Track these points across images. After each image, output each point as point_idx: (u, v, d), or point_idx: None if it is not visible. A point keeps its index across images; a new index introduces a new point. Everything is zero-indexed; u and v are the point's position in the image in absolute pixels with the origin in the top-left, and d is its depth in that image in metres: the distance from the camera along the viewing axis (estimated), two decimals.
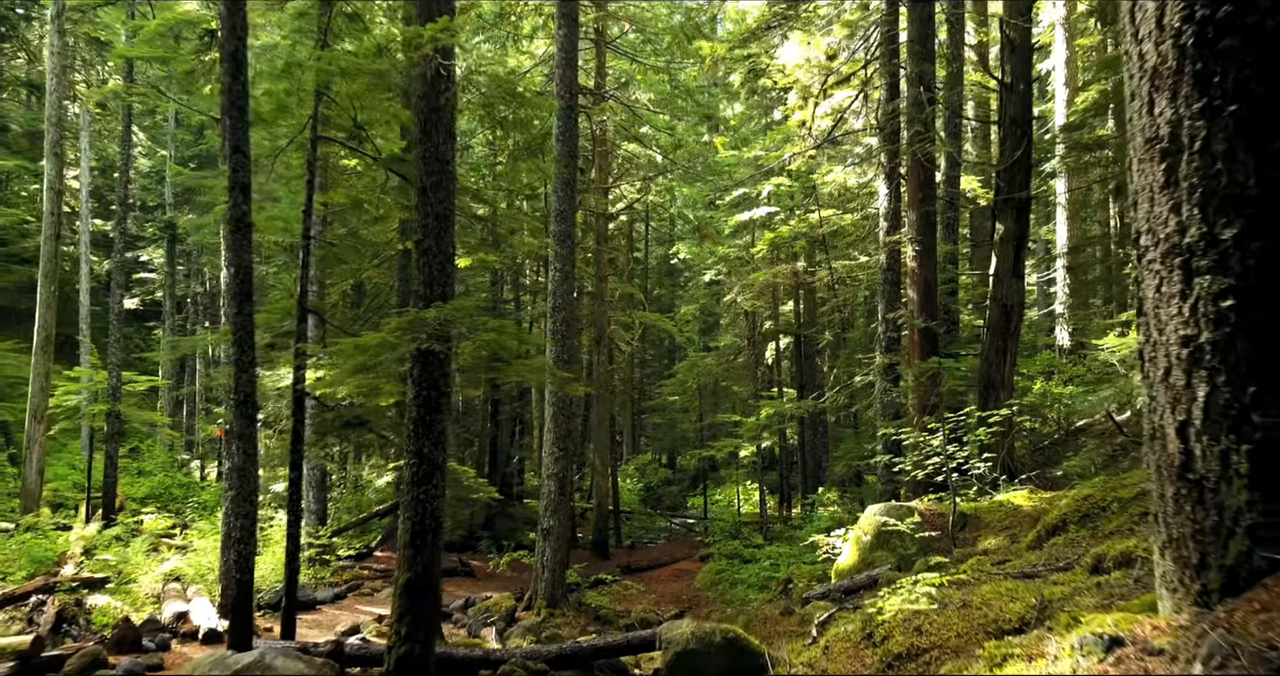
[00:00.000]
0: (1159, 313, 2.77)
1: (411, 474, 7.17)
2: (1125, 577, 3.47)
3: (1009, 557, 5.56)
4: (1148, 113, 2.80)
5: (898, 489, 12.78)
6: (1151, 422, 2.82)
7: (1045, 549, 5.48)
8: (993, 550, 7.10)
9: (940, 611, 3.74)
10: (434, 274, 7.25)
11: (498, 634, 13.15)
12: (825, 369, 28.33)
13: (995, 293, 12.71)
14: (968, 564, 5.63)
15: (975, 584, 4.34)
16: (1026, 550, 6.08)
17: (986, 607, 3.61)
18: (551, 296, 14.90)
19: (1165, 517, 2.74)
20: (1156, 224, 2.76)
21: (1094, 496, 5.89)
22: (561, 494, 14.63)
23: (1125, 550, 3.66)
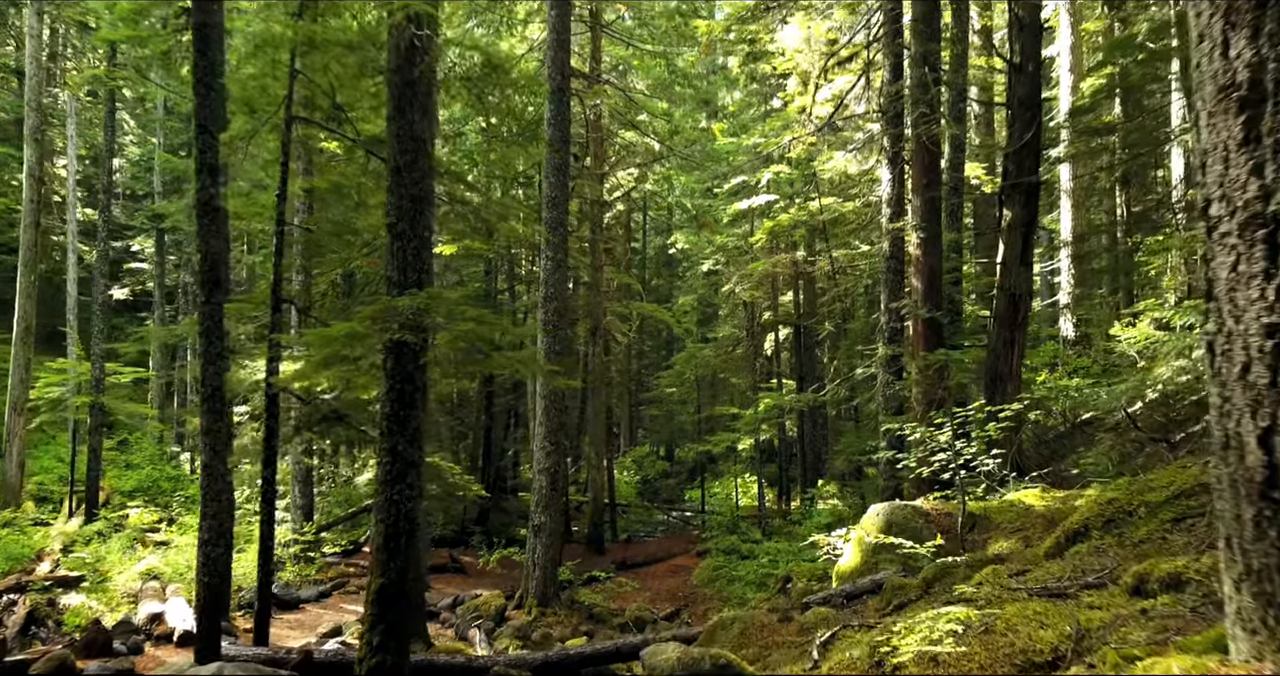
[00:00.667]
0: (1234, 296, 2.30)
1: (385, 473, 6.71)
2: (1175, 604, 3.02)
3: (1027, 566, 5.10)
4: (1221, 56, 2.32)
5: (900, 485, 12.33)
6: (1224, 429, 2.35)
7: (1068, 558, 5.02)
8: (1006, 555, 6.64)
9: (959, 638, 3.29)
10: (408, 259, 6.78)
11: (486, 634, 12.71)
12: (825, 360, 27.87)
13: (1002, 281, 12.23)
14: (982, 573, 5.17)
15: (996, 602, 3.88)
16: (1045, 558, 5.62)
17: (1012, 634, 3.15)
18: (543, 286, 14.43)
19: (1242, 544, 2.27)
20: (1232, 189, 2.29)
21: (1119, 500, 5.43)
22: (554, 489, 14.18)
23: (1174, 571, 3.21)
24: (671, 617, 15.38)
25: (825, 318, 24.73)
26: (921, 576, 6.90)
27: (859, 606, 7.34)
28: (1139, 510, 5.20)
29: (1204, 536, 4.43)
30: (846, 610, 7.33)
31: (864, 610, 7.13)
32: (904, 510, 8.38)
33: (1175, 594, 3.12)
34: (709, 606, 16.29)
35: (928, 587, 6.70)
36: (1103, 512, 5.44)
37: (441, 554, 19.38)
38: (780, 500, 27.31)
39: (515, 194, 25.54)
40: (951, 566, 6.74)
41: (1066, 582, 4.19)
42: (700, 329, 35.38)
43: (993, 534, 7.76)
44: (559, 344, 14.27)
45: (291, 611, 13.37)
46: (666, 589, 17.77)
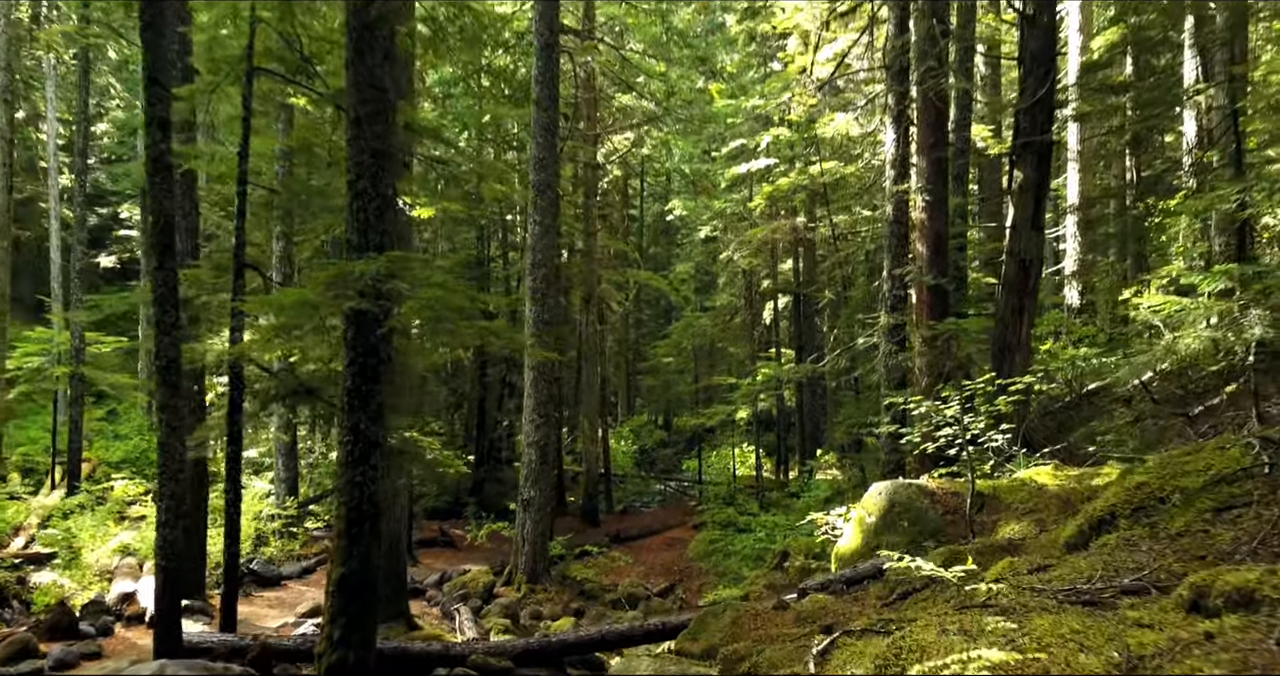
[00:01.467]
0: None
1: (346, 453, 6.18)
2: (1248, 629, 2.50)
3: (1048, 560, 4.58)
4: None
5: (902, 460, 11.84)
6: None
7: (1094, 552, 4.50)
8: (1019, 542, 6.14)
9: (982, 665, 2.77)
10: (369, 220, 6.19)
11: (473, 613, 12.29)
12: (825, 329, 27.31)
13: (1012, 246, 11.64)
14: (998, 567, 4.65)
15: (1020, 612, 3.36)
16: (1066, 548, 5.10)
17: (1048, 657, 2.63)
18: (531, 252, 13.84)
19: None
20: None
21: (1149, 484, 4.90)
22: (543, 463, 13.70)
23: (1243, 585, 2.68)
24: (665, 593, 14.98)
25: (825, 285, 24.13)
26: (929, 558, 6.40)
27: (860, 593, 6.86)
28: (1173, 496, 4.68)
29: (1253, 531, 3.90)
30: (847, 597, 6.85)
31: (865, 598, 6.65)
32: (908, 489, 7.87)
33: (1246, 614, 2.60)
34: (704, 581, 15.89)
35: (933, 577, 6.20)
36: (1130, 498, 4.91)
37: (432, 527, 19.00)
38: (778, 470, 26.92)
39: (508, 158, 24.84)
40: (960, 553, 6.23)
41: (1099, 585, 3.66)
42: (698, 297, 34.79)
43: (1003, 515, 7.26)
44: (548, 312, 13.71)
45: (273, 588, 12.95)
46: (661, 563, 17.37)
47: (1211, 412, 9.44)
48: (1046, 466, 8.22)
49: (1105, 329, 21.26)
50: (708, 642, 6.58)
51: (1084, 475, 7.58)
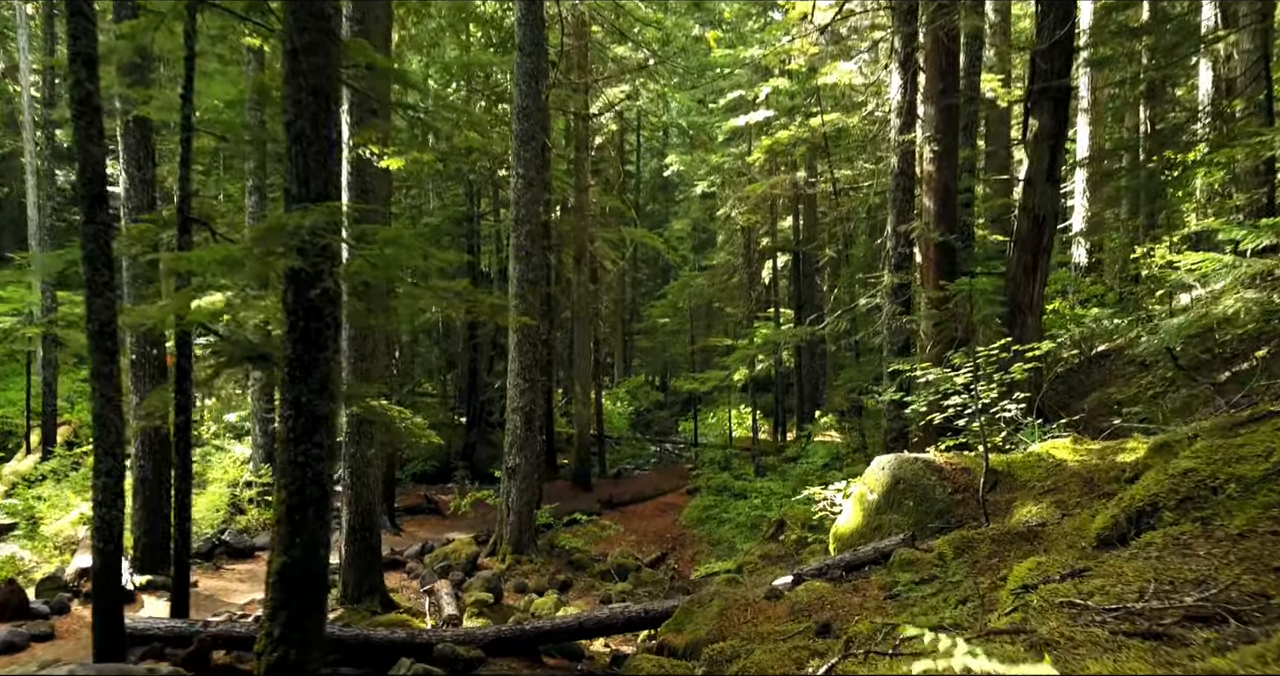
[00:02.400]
0: None
1: (287, 430, 5.50)
2: None
3: (1083, 561, 3.92)
4: None
5: (905, 427, 11.21)
6: None
7: (1137, 551, 3.84)
8: (1039, 529, 5.49)
9: None
10: (309, 167, 5.44)
11: (454, 586, 11.75)
12: (825, 288, 26.61)
13: (1026, 200, 10.88)
14: (1023, 570, 3.99)
15: (1065, 646, 2.71)
16: (1098, 543, 4.45)
17: None
18: (514, 206, 13.06)
19: None
20: None
21: (1197, 471, 4.23)
22: (529, 429, 13.07)
23: None
24: (656, 563, 14.46)
25: (826, 243, 23.34)
26: (936, 551, 5.77)
27: (860, 581, 6.24)
28: (1227, 486, 4.01)
29: None
30: (846, 585, 6.24)
31: (866, 588, 6.03)
32: (913, 464, 7.23)
33: None
34: (697, 550, 15.38)
35: (943, 565, 5.57)
36: (1176, 488, 4.24)
37: (417, 493, 18.46)
38: (776, 432, 26.38)
39: (499, 110, 23.86)
40: (972, 540, 5.60)
41: (1156, 604, 3.01)
42: (696, 256, 33.97)
43: (1018, 495, 6.62)
44: (533, 271, 12.98)
45: (246, 560, 12.40)
46: (654, 530, 16.86)
47: (1239, 378, 8.78)
48: (1064, 439, 7.57)
49: (1115, 288, 20.54)
50: (693, 635, 5.99)
51: (1107, 449, 6.93)
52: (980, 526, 6.35)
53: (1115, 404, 10.95)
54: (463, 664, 6.68)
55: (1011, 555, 5.22)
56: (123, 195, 10.81)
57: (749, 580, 12.12)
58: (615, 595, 12.42)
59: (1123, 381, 12.29)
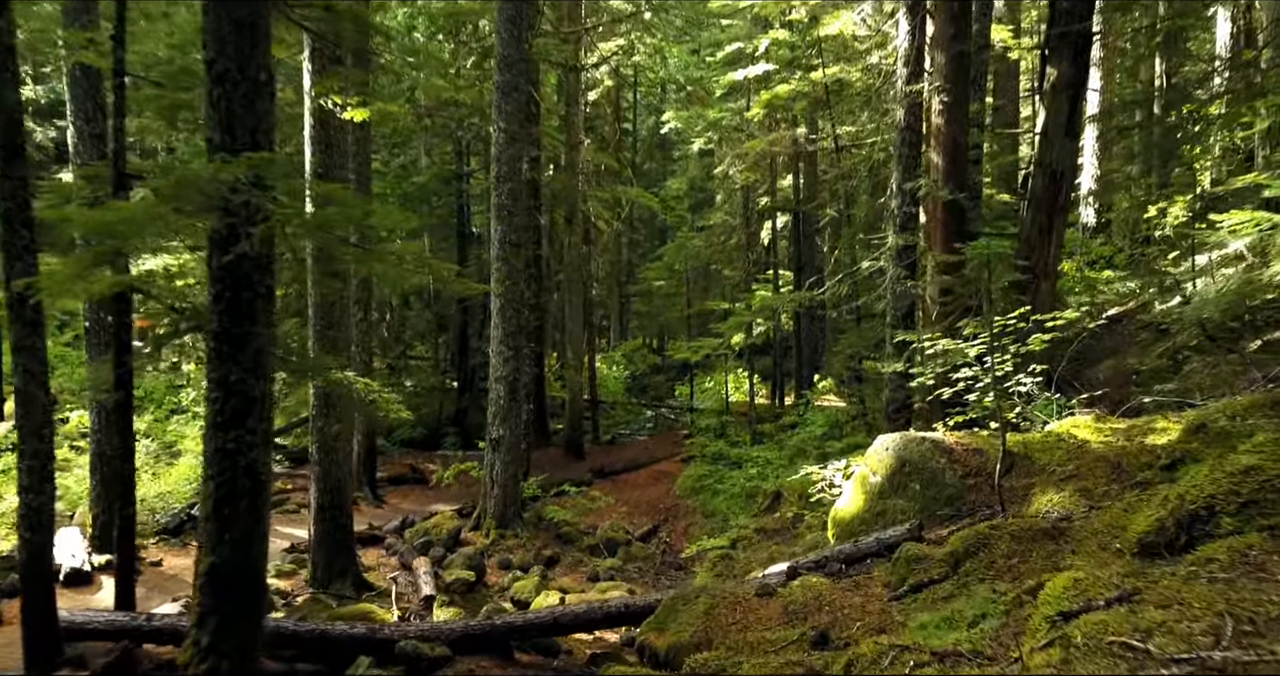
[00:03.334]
0: None
1: (214, 413, 4.86)
2: None
3: (1130, 580, 3.28)
4: None
5: (908, 398, 10.58)
6: None
7: (1195, 568, 3.21)
8: (1064, 524, 4.86)
9: None
10: (234, 112, 4.73)
11: (434, 564, 11.21)
12: (825, 250, 25.84)
13: (1041, 155, 10.14)
14: (1056, 588, 3.37)
15: None
16: (1140, 550, 3.83)
17: None
18: (495, 163, 12.30)
19: None
20: None
21: (1262, 469, 3.60)
22: (513, 399, 12.46)
23: None
24: (648, 537, 13.94)
25: (827, 202, 22.52)
26: (948, 548, 5.15)
27: (861, 577, 5.64)
28: None
29: None
30: (845, 581, 5.64)
31: (869, 585, 5.43)
32: (920, 445, 6.60)
33: None
34: (690, 522, 14.85)
35: (955, 565, 4.96)
36: (1237, 488, 3.61)
37: (403, 462, 17.90)
38: (774, 396, 25.79)
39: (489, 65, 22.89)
40: (988, 537, 4.98)
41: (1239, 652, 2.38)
42: (693, 216, 33.12)
43: (1037, 480, 5.99)
44: (516, 232, 12.26)
45: None
46: (646, 500, 16.32)
47: (1273, 349, 8.13)
48: (1085, 416, 6.94)
49: (1125, 249, 19.81)
50: (676, 637, 5.40)
51: (1134, 429, 6.30)
52: (995, 516, 5.73)
53: (1133, 374, 10.31)
54: (426, 663, 6.11)
55: (1034, 556, 4.61)
56: (71, 151, 10.06)
57: (743, 556, 11.61)
58: (603, 571, 11.90)
59: (1139, 349, 11.63)
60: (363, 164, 14.23)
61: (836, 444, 14.15)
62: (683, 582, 11.94)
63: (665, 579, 11.96)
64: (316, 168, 9.11)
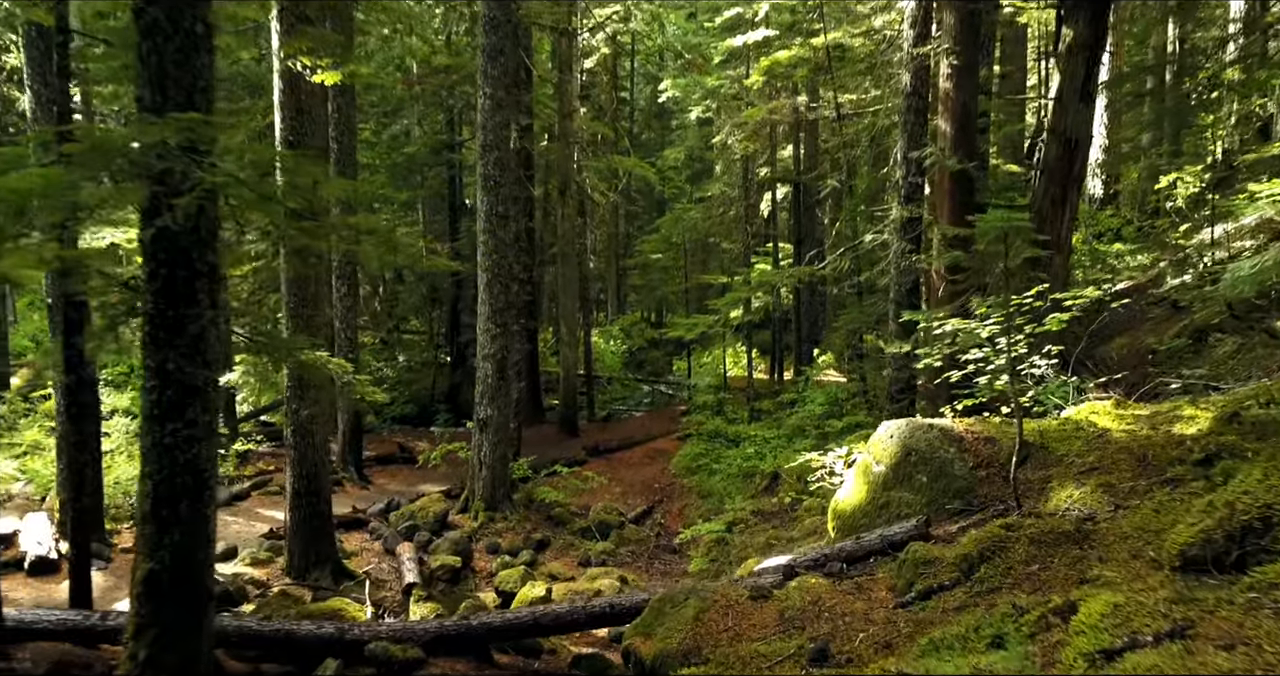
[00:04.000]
0: None
1: (150, 404, 4.40)
2: None
3: (1180, 609, 2.84)
4: None
5: (912, 379, 10.12)
6: None
7: (1254, 594, 2.76)
8: (1091, 526, 4.42)
9: None
10: (165, 68, 4.22)
11: (420, 549, 10.83)
12: (826, 222, 25.29)
13: (1055, 122, 9.61)
14: (1093, 613, 2.92)
15: None
16: (1183, 563, 3.38)
17: None
18: (480, 131, 11.75)
19: None
20: None
21: None
22: (501, 378, 12.00)
23: None
24: (642, 518, 13.56)
25: (828, 173, 21.93)
26: (960, 549, 4.71)
27: (864, 578, 5.21)
28: None
29: None
30: (847, 582, 5.21)
31: (872, 587, 5.00)
32: (927, 433, 6.14)
33: None
34: (686, 503, 14.47)
35: (969, 570, 4.52)
36: None
37: (393, 440, 17.48)
38: (772, 371, 25.36)
39: None
40: (1004, 539, 4.53)
41: None
42: (692, 187, 32.49)
43: (1053, 473, 5.54)
44: (503, 204, 11.73)
45: None
46: (641, 480, 15.93)
47: None
48: (1103, 401, 6.47)
49: (1134, 221, 19.27)
50: (663, 644, 4.97)
51: (1158, 416, 5.83)
52: (1009, 512, 5.29)
53: (1150, 353, 9.84)
54: (397, 666, 5.71)
55: (1057, 563, 4.16)
56: (29, 115, 9.52)
57: (739, 540, 11.22)
58: (595, 556, 11.53)
59: (1153, 326, 11.14)
60: (345, 133, 13.67)
61: (837, 422, 13.72)
62: (677, 567, 11.59)
63: (659, 563, 11.59)
64: (287, 135, 8.58)
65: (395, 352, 27.75)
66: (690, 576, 10.73)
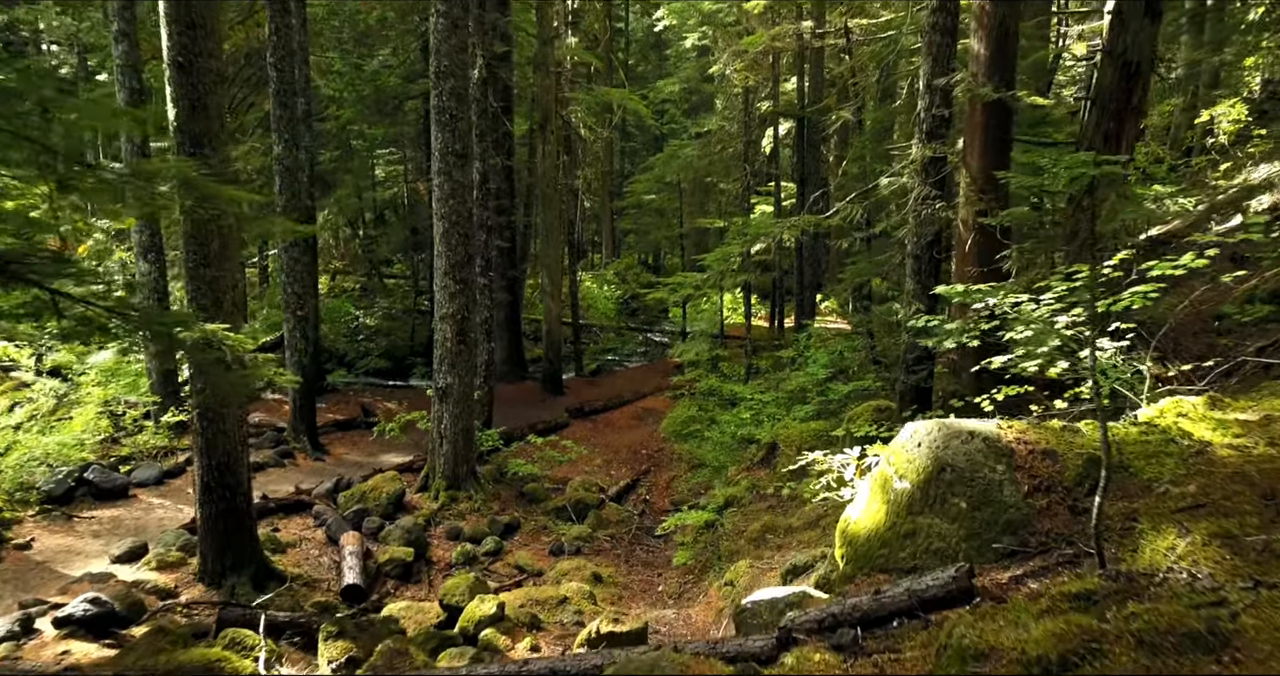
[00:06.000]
0: None
1: None
2: None
3: None
4: None
5: (931, 350, 8.66)
6: None
7: None
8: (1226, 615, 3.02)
9: None
10: None
11: (367, 538, 9.55)
12: (830, 160, 23.53)
13: (1112, 42, 7.96)
14: None
15: None
16: None
17: None
18: (434, 56, 10.09)
19: None
20: None
21: None
22: (461, 342, 10.57)
23: None
24: (625, 494, 12.28)
25: (834, 107, 20.13)
26: (1028, 645, 3.31)
27: (885, 656, 3.82)
28: None
29: None
30: (862, 659, 3.84)
31: (899, 667, 3.63)
32: (967, 444, 4.71)
33: None
34: (674, 474, 13.16)
35: None
36: None
37: (357, 401, 16.07)
38: (772, 319, 23.92)
39: None
40: (1094, 636, 3.14)
41: None
42: (689, 120, 30.56)
43: (1139, 507, 4.13)
44: (460, 140, 10.14)
45: (114, 503, 10.09)
46: (627, 445, 14.62)
47: None
48: (1191, 398, 5.03)
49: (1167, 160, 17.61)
50: None
51: (1271, 421, 4.41)
52: (1081, 559, 3.91)
53: (1216, 320, 8.38)
54: None
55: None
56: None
57: (730, 526, 9.89)
58: (569, 542, 10.25)
59: (1205, 281, 9.62)
60: (286, 59, 11.97)
61: (842, 388, 12.32)
62: (661, 555, 10.29)
63: (641, 550, 10.31)
64: (175, 55, 7.00)
65: (376, 299, 26.26)
66: (674, 571, 9.46)
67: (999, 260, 7.97)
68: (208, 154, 7.27)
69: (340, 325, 21.89)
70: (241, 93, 16.87)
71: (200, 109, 7.20)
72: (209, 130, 7.28)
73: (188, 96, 7.14)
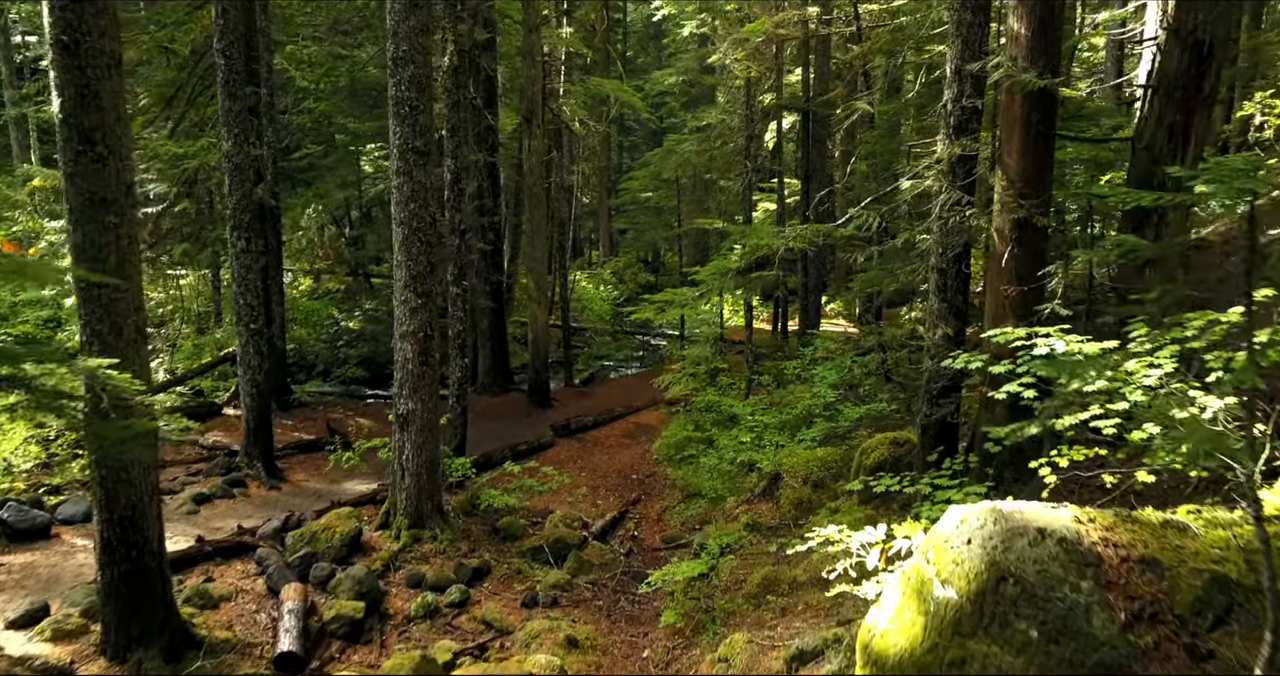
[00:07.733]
0: None
1: None
2: None
3: None
4: None
5: (958, 381, 7.48)
6: None
7: None
8: None
9: None
10: None
11: (316, 588, 8.39)
12: (836, 155, 22.31)
13: (1180, 20, 6.77)
14: None
15: None
16: None
17: None
18: (391, 39, 8.87)
19: None
20: None
21: None
22: (424, 363, 9.40)
23: None
24: (610, 529, 11.10)
25: (843, 100, 18.87)
26: None
27: None
28: None
29: None
30: None
31: None
32: (1035, 548, 3.51)
33: None
34: (666, 505, 11.98)
35: None
36: None
37: (327, 417, 14.83)
38: (775, 323, 22.76)
39: None
40: None
41: None
42: (688, 113, 29.31)
43: None
44: (421, 136, 8.94)
45: (31, 544, 8.86)
46: (617, 469, 13.43)
47: None
48: None
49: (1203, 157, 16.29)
50: None
51: None
52: None
53: None
54: None
55: None
56: None
57: (725, 578, 8.71)
58: (544, 591, 9.05)
59: None
60: (234, 46, 10.77)
61: (853, 410, 11.13)
62: (648, 610, 9.09)
63: (625, 602, 9.11)
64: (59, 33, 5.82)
65: (361, 300, 25.09)
66: (662, 631, 8.26)
67: (1041, 277, 6.79)
68: (101, 150, 6.09)
69: (320, 330, 20.73)
70: (200, 85, 15.66)
71: (91, 98, 6.02)
72: (102, 123, 6.09)
73: (74, 82, 5.96)
